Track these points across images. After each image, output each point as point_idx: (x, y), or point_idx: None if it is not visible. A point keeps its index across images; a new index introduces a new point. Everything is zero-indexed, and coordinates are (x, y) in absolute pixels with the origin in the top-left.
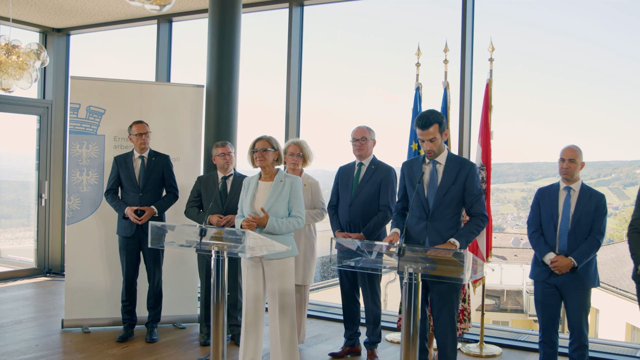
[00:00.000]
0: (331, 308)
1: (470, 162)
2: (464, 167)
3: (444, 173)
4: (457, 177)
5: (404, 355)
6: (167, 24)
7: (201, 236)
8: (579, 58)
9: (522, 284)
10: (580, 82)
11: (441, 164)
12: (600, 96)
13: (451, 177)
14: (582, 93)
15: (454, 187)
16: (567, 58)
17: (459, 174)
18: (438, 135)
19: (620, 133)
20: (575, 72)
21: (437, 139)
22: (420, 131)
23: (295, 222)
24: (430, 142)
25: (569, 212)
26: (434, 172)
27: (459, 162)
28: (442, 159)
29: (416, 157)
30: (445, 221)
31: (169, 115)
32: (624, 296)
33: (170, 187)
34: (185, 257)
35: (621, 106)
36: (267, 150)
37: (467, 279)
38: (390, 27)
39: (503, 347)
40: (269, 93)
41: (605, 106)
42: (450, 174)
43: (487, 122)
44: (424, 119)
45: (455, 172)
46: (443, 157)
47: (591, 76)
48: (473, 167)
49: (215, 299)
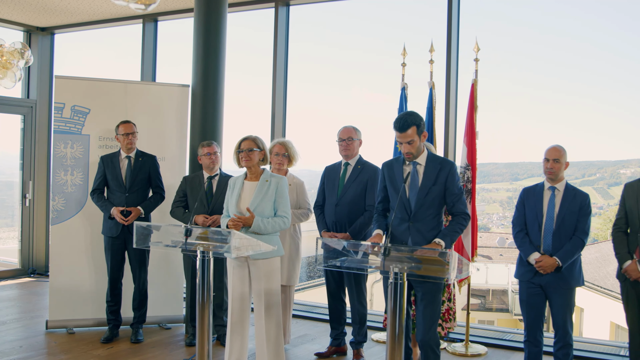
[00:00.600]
0: (317, 308)
1: (450, 161)
2: (444, 167)
3: (425, 174)
4: (437, 178)
5: (390, 354)
6: (152, 24)
7: (186, 236)
8: (565, 56)
9: (508, 284)
10: (565, 80)
11: (421, 165)
12: (585, 95)
13: (432, 177)
14: (567, 91)
15: (434, 188)
16: (554, 56)
17: (440, 174)
18: (416, 137)
19: (605, 133)
20: (561, 71)
21: (415, 141)
22: (397, 134)
23: (281, 222)
24: (408, 144)
25: (554, 212)
26: (415, 173)
27: (438, 163)
28: (422, 159)
29: (396, 158)
30: (427, 222)
31: (154, 115)
32: (609, 295)
33: (157, 188)
34: (171, 257)
35: (606, 105)
36: (253, 150)
37: (452, 279)
38: (376, 26)
39: (488, 347)
40: (255, 93)
41: (591, 106)
42: (431, 175)
43: (472, 122)
44: (401, 122)
45: (436, 172)
46: (423, 157)
47: (576, 75)
48: (453, 167)
49: (200, 299)
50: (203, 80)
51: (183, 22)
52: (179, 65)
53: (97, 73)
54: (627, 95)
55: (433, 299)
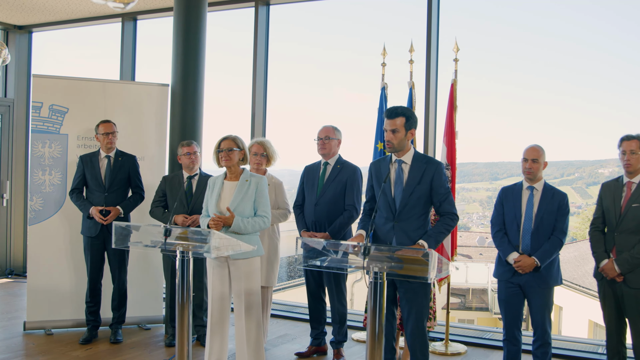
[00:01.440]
0: (297, 308)
1: (436, 161)
2: (430, 166)
3: (410, 173)
4: (422, 177)
5: (370, 354)
6: (131, 22)
7: (166, 236)
8: (545, 54)
9: (488, 283)
10: (544, 79)
11: (407, 164)
12: (565, 94)
13: (417, 176)
14: (547, 90)
15: (419, 187)
16: (534, 55)
17: (425, 174)
18: (402, 129)
19: (585, 132)
20: (541, 69)
21: (400, 132)
22: (386, 120)
23: (261, 222)
24: (392, 132)
25: (532, 212)
26: (400, 171)
27: (425, 162)
28: (408, 158)
29: (383, 157)
30: (412, 221)
31: (133, 114)
32: (587, 294)
33: (137, 188)
34: (150, 257)
35: (586, 105)
36: (232, 150)
37: (432, 278)
38: (357, 26)
39: (468, 345)
40: (235, 93)
41: (570, 105)
42: (416, 174)
43: (452, 121)
44: (393, 109)
45: (421, 171)
46: (409, 156)
47: (556, 73)
48: (439, 166)
49: (180, 300)
50: (183, 79)
51: (163, 21)
52: (158, 64)
53: (76, 72)
54: (607, 94)
55: (421, 313)
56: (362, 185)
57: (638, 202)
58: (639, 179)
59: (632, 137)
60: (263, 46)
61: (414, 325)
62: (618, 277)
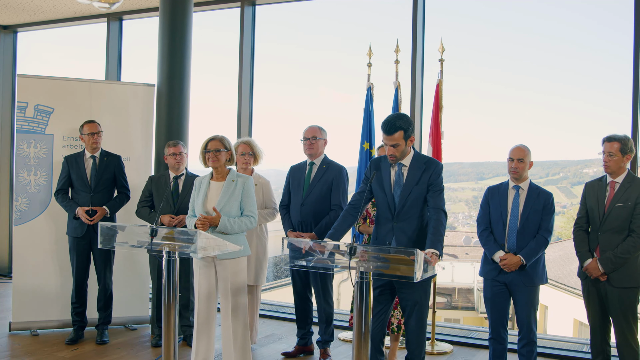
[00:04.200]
0: (284, 308)
1: (435, 161)
2: (429, 167)
3: (409, 174)
4: (421, 177)
5: (356, 353)
6: (117, 22)
7: (152, 236)
8: (532, 54)
9: (473, 282)
10: (532, 78)
11: (406, 167)
12: (551, 93)
13: (415, 177)
14: (533, 89)
15: (417, 187)
16: (521, 54)
17: (423, 174)
18: (402, 142)
19: (570, 132)
20: (527, 69)
21: (400, 145)
22: (384, 136)
23: (247, 222)
24: (393, 147)
25: (518, 211)
26: (400, 174)
27: (424, 163)
28: (407, 161)
29: (385, 156)
30: (411, 222)
31: (119, 114)
32: (572, 293)
33: (122, 188)
34: (137, 257)
35: (571, 105)
36: (220, 150)
37: (418, 277)
38: (343, 26)
39: (454, 344)
40: (222, 93)
41: (555, 105)
42: (415, 175)
43: (437, 121)
44: (389, 125)
45: (420, 172)
46: (408, 159)
47: (543, 73)
48: (438, 167)
49: (166, 300)
50: (169, 79)
51: (148, 21)
52: (144, 64)
53: (61, 72)
54: (593, 93)
55: (422, 312)
56: (347, 185)
57: (621, 202)
58: (622, 178)
59: (613, 139)
60: (249, 46)
61: (416, 324)
62: (602, 276)
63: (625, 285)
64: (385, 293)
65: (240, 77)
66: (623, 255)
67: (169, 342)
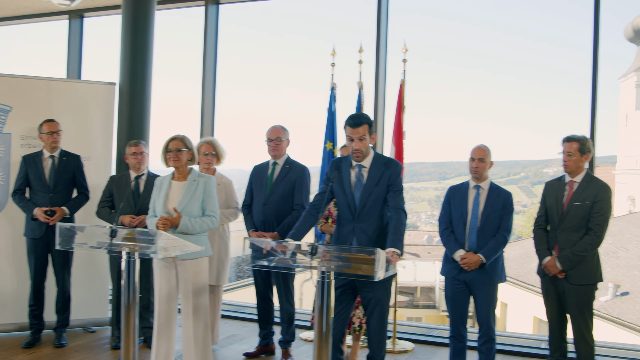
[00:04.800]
0: (246, 308)
1: (395, 162)
2: (388, 167)
3: (369, 174)
4: (381, 178)
5: (317, 353)
6: (78, 20)
7: (112, 237)
8: (497, 52)
9: (435, 281)
10: (494, 76)
11: (366, 168)
12: (511, 91)
13: (375, 178)
14: (495, 85)
15: (377, 188)
16: (486, 52)
17: (383, 175)
18: (367, 136)
19: (531, 130)
20: (490, 66)
21: (366, 139)
22: (350, 129)
23: (209, 222)
24: (360, 140)
25: (478, 210)
26: (360, 175)
27: (384, 163)
28: (368, 162)
29: (345, 157)
30: (372, 222)
31: (79, 113)
32: (532, 290)
33: (82, 188)
34: (97, 258)
35: (531, 106)
36: (181, 150)
37: (380, 276)
38: (307, 26)
39: (415, 343)
40: (184, 93)
41: (516, 105)
42: (375, 175)
43: (400, 122)
44: (356, 118)
45: (380, 172)
46: (368, 160)
47: (506, 70)
48: (397, 167)
49: (126, 301)
50: (130, 78)
51: (110, 18)
52: (106, 63)
53: (21, 70)
54: (554, 94)
55: (384, 311)
56: (310, 185)
57: (579, 201)
58: (580, 178)
59: (572, 139)
60: (212, 45)
61: (377, 322)
62: (560, 273)
63: (583, 282)
64: (347, 293)
65: (204, 76)
66: (580, 253)
67: (129, 344)
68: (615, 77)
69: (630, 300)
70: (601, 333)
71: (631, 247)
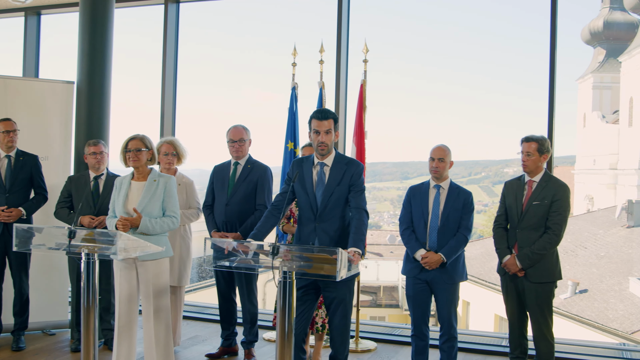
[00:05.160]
0: (208, 309)
1: (357, 162)
2: (350, 167)
3: (330, 174)
4: (342, 178)
5: (280, 353)
6: (35, 17)
7: (70, 238)
8: (459, 49)
9: (398, 280)
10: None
11: (328, 166)
12: (469, 89)
13: (337, 178)
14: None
15: (339, 188)
16: (446, 50)
17: (345, 175)
18: (332, 131)
19: (490, 134)
20: (446, 64)
21: (331, 134)
22: (317, 122)
23: (169, 222)
24: (326, 133)
25: (439, 210)
26: (322, 174)
27: (345, 163)
28: (329, 161)
29: (307, 157)
30: (333, 222)
31: (36, 112)
32: (493, 289)
33: (39, 188)
34: (55, 260)
35: (490, 105)
36: (140, 150)
37: (342, 276)
38: (268, 26)
39: (378, 342)
40: (145, 93)
41: (477, 105)
42: (337, 175)
43: (361, 121)
44: (323, 112)
45: (342, 172)
46: (330, 159)
47: (465, 67)
48: (359, 167)
49: (86, 303)
50: (89, 76)
51: (68, 16)
52: (64, 61)
53: None
54: (514, 95)
55: (346, 310)
56: (272, 184)
57: (538, 200)
58: (539, 177)
59: (531, 139)
60: (172, 44)
61: (340, 322)
62: (519, 272)
63: (542, 280)
64: (309, 293)
65: (164, 75)
66: (540, 252)
67: (89, 346)
68: (573, 78)
69: (588, 297)
70: (561, 330)
71: (589, 246)
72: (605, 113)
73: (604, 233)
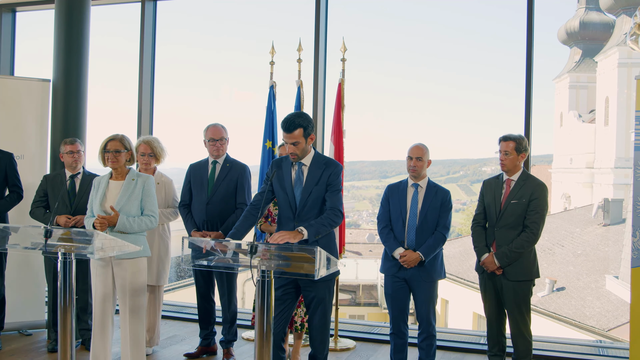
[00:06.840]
0: (187, 308)
1: (335, 162)
2: (328, 167)
3: (309, 174)
4: (320, 178)
5: (258, 353)
6: (10, 14)
7: (46, 237)
8: (438, 48)
9: (377, 279)
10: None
11: (306, 166)
12: (450, 90)
13: (315, 177)
14: (432, 82)
15: (317, 188)
16: (425, 48)
17: (323, 174)
18: (302, 139)
19: (469, 132)
20: (423, 62)
21: (301, 143)
22: (284, 134)
23: (147, 221)
24: (293, 145)
25: (417, 208)
26: (300, 173)
27: (323, 163)
28: (308, 160)
29: (285, 157)
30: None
31: (11, 110)
32: (471, 287)
33: (14, 187)
34: (31, 259)
35: (470, 105)
36: (119, 152)
37: (321, 274)
38: (246, 26)
39: (357, 340)
40: (122, 92)
41: (456, 104)
42: (315, 175)
43: (339, 120)
44: (289, 123)
45: (320, 172)
46: (308, 159)
47: (443, 65)
48: (337, 168)
49: (62, 303)
50: (65, 74)
51: (44, 13)
52: (40, 59)
53: None
54: (491, 93)
55: (326, 309)
56: (251, 183)
57: (516, 199)
58: (517, 176)
59: (509, 138)
60: (150, 43)
61: (319, 320)
62: (497, 270)
63: (520, 278)
64: (289, 292)
65: (141, 74)
66: (517, 250)
67: (66, 347)
68: (552, 76)
69: (566, 295)
70: (538, 328)
71: (566, 244)
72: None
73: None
